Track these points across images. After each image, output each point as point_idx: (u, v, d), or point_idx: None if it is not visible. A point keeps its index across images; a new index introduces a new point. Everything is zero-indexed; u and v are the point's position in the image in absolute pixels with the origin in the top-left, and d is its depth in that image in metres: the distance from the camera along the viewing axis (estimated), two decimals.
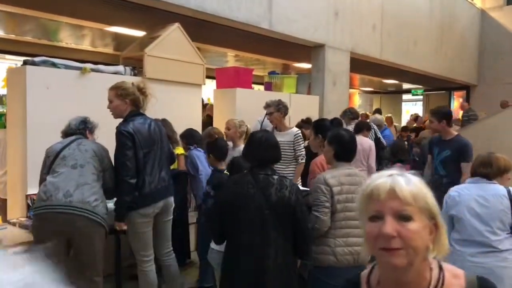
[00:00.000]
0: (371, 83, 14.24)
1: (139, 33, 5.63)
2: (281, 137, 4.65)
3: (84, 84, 3.88)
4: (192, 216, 4.33)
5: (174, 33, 4.58)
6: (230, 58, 9.29)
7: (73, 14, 5.41)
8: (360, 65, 8.42)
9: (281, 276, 2.31)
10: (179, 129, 4.26)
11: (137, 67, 4.42)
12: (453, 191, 2.83)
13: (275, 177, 2.38)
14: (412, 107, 16.06)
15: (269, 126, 4.86)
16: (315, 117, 6.38)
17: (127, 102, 2.94)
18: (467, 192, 2.75)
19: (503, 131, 7.29)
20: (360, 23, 7.46)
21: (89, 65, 3.97)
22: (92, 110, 3.29)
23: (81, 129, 3.04)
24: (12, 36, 7.01)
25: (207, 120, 6.26)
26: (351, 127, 5.64)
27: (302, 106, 6.11)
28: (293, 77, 6.24)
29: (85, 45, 7.70)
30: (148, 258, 3.03)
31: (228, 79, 5.43)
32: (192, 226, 4.33)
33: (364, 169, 5.32)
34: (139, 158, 2.88)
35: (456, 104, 14.54)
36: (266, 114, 5.05)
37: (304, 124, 5.30)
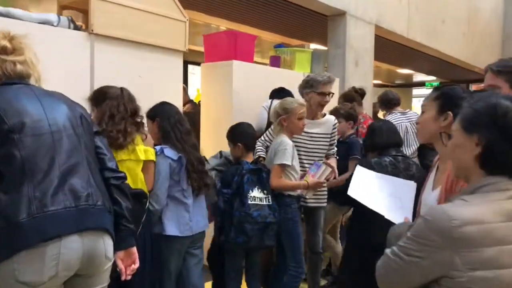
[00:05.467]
0: (377, 75, 12.75)
1: None
2: (315, 128, 3.12)
3: None
4: None
5: None
6: None
7: None
8: (382, 46, 6.93)
9: None
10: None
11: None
12: None
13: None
14: None
15: None
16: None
17: None
18: None
19: None
20: None
21: None
22: None
23: None
24: None
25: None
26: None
27: None
28: (308, 52, 4.69)
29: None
30: None
31: (221, 49, 3.87)
32: None
33: None
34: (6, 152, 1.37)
35: None
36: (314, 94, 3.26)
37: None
